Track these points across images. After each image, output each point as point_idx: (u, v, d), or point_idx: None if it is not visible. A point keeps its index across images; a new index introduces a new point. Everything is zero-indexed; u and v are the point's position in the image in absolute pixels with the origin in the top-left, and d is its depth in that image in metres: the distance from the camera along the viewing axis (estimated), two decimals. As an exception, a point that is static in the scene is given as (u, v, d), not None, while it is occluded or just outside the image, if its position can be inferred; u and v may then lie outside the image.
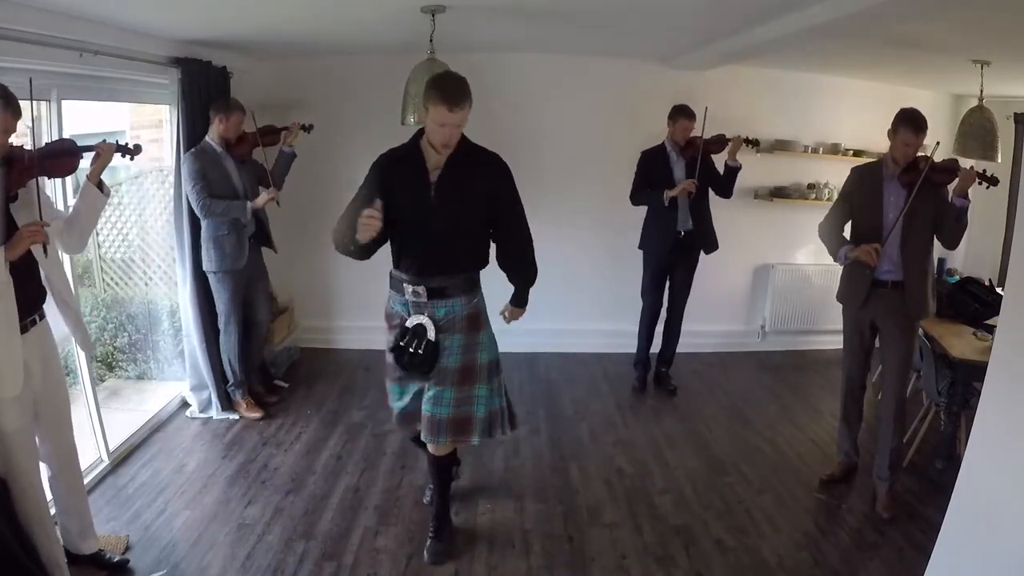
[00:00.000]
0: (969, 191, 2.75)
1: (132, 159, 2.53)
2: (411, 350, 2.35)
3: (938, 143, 2.82)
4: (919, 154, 2.85)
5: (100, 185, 2.37)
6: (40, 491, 2.20)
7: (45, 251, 2.09)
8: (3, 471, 2.08)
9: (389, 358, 2.46)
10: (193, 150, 3.46)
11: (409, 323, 2.38)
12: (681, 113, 3.91)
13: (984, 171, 2.81)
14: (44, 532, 2.18)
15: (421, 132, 2.36)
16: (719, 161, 4.03)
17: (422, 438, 2.50)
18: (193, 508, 2.91)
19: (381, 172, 2.35)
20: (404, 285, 2.37)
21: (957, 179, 2.75)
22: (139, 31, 3.14)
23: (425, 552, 2.61)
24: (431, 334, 2.35)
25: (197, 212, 3.45)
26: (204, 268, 3.58)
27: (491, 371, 2.51)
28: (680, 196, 3.91)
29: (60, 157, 2.24)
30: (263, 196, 3.59)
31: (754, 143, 3.99)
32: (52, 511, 2.39)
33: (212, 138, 3.50)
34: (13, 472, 2.09)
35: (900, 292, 2.90)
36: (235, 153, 3.57)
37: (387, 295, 2.49)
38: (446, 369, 2.41)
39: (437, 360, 2.38)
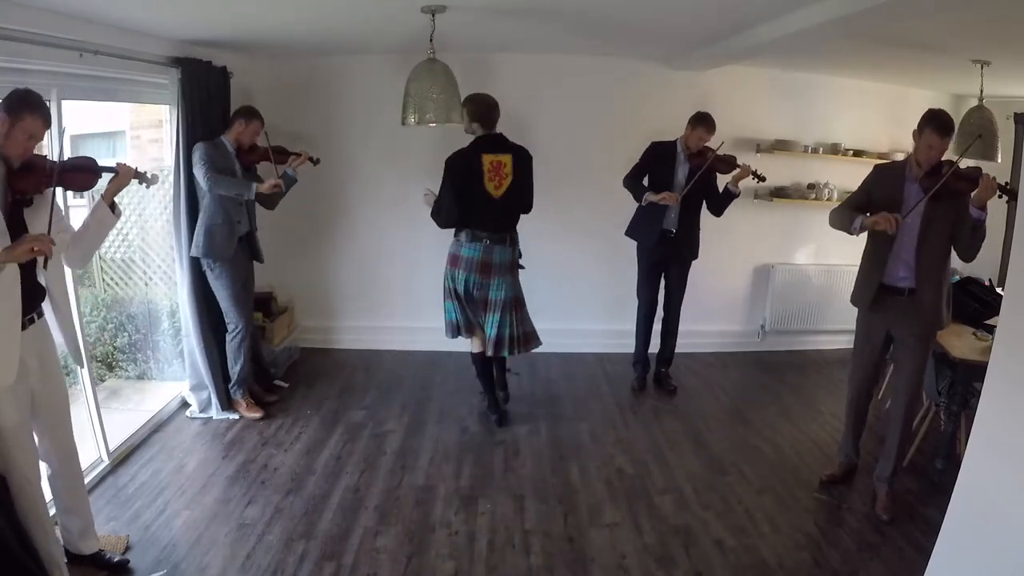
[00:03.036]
0: (988, 203, 2.64)
1: (148, 187, 2.60)
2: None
3: (970, 144, 2.62)
4: (944, 158, 2.76)
5: (112, 206, 2.38)
6: (38, 489, 2.20)
7: (45, 264, 2.07)
8: (1, 468, 2.08)
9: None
10: (206, 142, 3.51)
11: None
12: (701, 123, 3.87)
13: (1006, 184, 2.67)
14: (42, 530, 2.19)
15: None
16: (723, 180, 4.02)
17: (488, 351, 3.62)
18: (193, 508, 2.91)
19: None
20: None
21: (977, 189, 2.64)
22: (139, 31, 3.14)
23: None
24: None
25: (203, 184, 3.45)
26: (192, 253, 3.59)
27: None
28: (662, 203, 3.88)
29: (79, 172, 2.27)
30: (270, 181, 3.58)
31: (760, 178, 3.95)
32: (52, 510, 2.40)
33: (227, 139, 3.60)
34: (10, 469, 2.09)
35: (916, 300, 2.84)
36: (243, 159, 3.65)
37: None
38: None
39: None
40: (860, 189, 3.04)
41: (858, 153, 4.80)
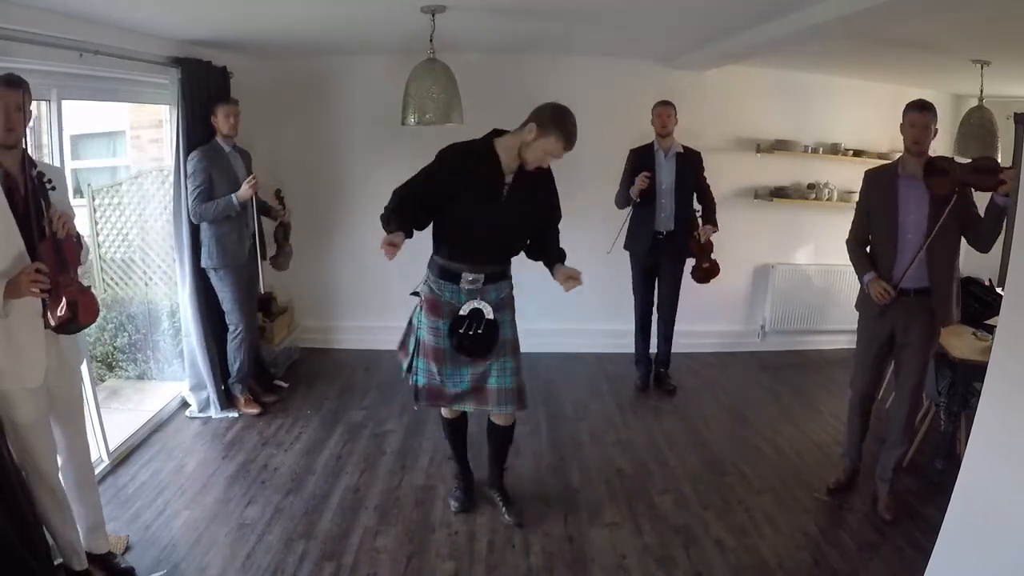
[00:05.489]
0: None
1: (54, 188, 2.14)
2: (470, 333, 2.52)
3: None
4: (935, 155, 2.72)
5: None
6: (56, 479, 2.24)
7: (45, 304, 2.04)
8: (20, 462, 2.11)
9: (432, 341, 2.60)
10: (202, 150, 3.53)
11: (464, 310, 2.54)
12: (657, 104, 3.99)
13: None
14: (60, 516, 2.23)
15: (495, 133, 2.53)
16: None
17: (491, 408, 2.67)
18: (193, 508, 2.91)
19: (454, 164, 2.49)
20: (462, 273, 2.54)
21: (1001, 179, 2.50)
22: (139, 31, 3.14)
23: (508, 515, 2.85)
24: (489, 314, 2.54)
25: (191, 215, 3.53)
26: (203, 264, 3.63)
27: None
28: (643, 185, 3.90)
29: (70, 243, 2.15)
30: (244, 186, 3.55)
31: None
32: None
33: (219, 139, 3.63)
34: (30, 463, 2.13)
35: (924, 299, 2.78)
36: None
37: (427, 283, 2.64)
38: (504, 341, 2.61)
39: (497, 338, 2.56)
40: (858, 207, 3.00)
41: (858, 153, 4.80)
